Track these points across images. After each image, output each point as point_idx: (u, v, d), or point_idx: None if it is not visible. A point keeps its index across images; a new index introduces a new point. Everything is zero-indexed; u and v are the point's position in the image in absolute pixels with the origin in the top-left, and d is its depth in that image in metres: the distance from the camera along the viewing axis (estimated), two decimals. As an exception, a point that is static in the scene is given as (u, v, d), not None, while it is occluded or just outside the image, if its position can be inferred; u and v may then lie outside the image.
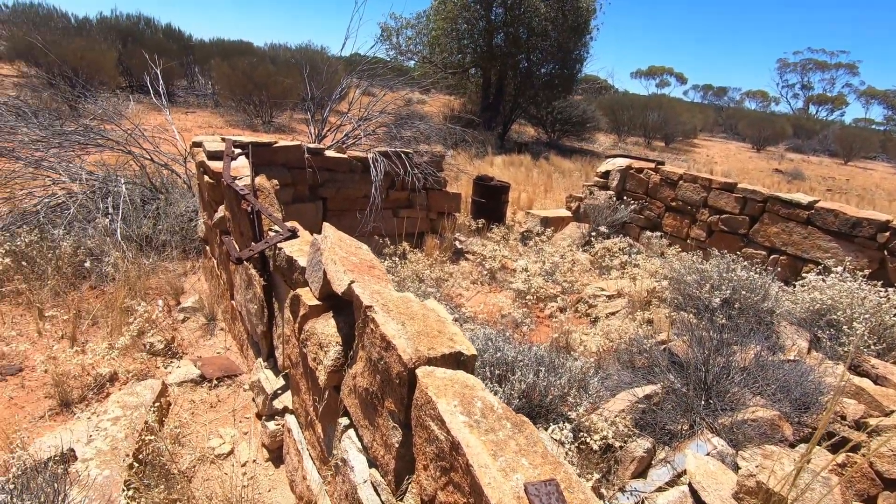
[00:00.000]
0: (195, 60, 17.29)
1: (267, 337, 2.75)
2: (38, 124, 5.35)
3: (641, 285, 4.45)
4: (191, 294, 4.02)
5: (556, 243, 5.87)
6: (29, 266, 3.76)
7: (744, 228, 5.51)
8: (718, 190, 5.72)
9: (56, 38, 12.64)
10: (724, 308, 3.87)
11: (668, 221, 6.27)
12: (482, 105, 16.10)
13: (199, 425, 2.66)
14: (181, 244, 4.58)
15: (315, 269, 2.08)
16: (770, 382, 2.97)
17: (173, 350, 3.30)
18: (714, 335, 3.25)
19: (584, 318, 4.31)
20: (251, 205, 2.78)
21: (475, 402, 1.24)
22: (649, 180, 6.47)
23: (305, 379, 2.19)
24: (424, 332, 1.52)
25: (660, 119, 21.06)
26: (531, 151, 13.75)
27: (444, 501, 1.19)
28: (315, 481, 2.08)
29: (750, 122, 27.27)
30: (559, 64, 15.37)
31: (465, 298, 4.46)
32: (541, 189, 9.54)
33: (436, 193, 5.37)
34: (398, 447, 1.45)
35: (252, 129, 12.43)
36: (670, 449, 2.61)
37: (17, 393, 2.74)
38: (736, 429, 2.64)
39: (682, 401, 2.89)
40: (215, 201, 3.60)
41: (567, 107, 16.92)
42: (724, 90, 53.20)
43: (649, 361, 3.35)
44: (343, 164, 4.83)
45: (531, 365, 2.70)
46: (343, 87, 6.19)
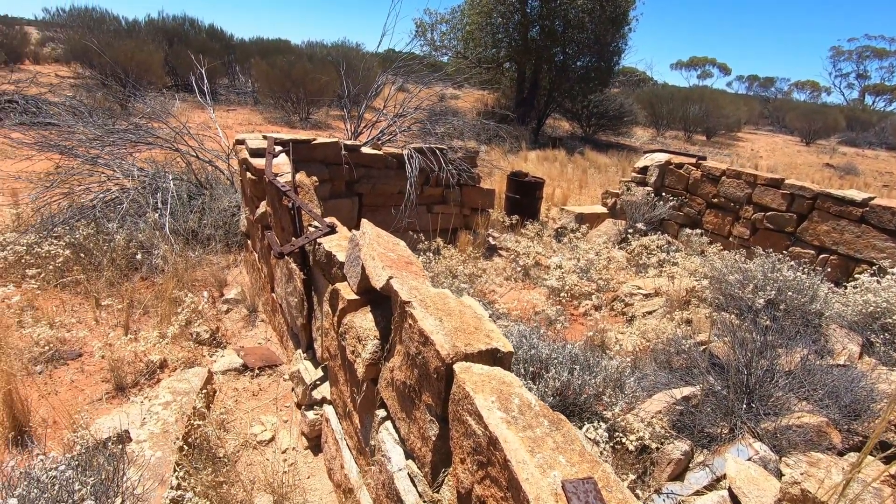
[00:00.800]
0: (236, 59, 17.84)
1: (306, 329, 2.83)
2: (93, 123, 5.65)
3: (680, 284, 4.34)
4: (233, 286, 4.18)
5: (591, 240, 5.79)
6: (86, 257, 3.99)
7: (791, 226, 5.28)
8: (764, 186, 5.50)
9: (108, 41, 13.28)
10: (769, 309, 3.73)
11: (709, 219, 6.08)
12: (516, 100, 15.95)
13: (242, 412, 2.77)
14: (224, 238, 4.76)
15: (353, 265, 2.13)
16: (817, 388, 2.86)
17: (218, 340, 3.45)
18: (757, 337, 3.14)
19: (620, 317, 4.24)
20: (292, 201, 2.87)
21: (512, 399, 1.25)
22: (690, 176, 6.27)
23: (343, 371, 2.25)
24: (461, 329, 1.54)
25: (701, 112, 20.33)
26: (566, 146, 13.54)
27: (481, 495, 1.21)
28: (353, 470, 2.14)
29: (799, 115, 25.95)
30: (596, 56, 15.05)
31: (498, 295, 4.47)
32: (575, 185, 9.39)
33: (469, 189, 5.38)
34: (435, 440, 1.48)
35: (290, 125, 12.74)
36: (709, 452, 2.55)
37: (77, 376, 2.93)
38: (780, 434, 2.55)
39: (722, 403, 2.81)
40: (257, 197, 3.73)
41: (603, 100, 16.55)
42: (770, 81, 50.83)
43: (688, 362, 3.27)
44: (379, 161, 4.90)
45: (565, 363, 2.69)
46: (379, 84, 6.27)
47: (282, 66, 13.41)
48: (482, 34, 14.85)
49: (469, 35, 15.13)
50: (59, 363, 3.01)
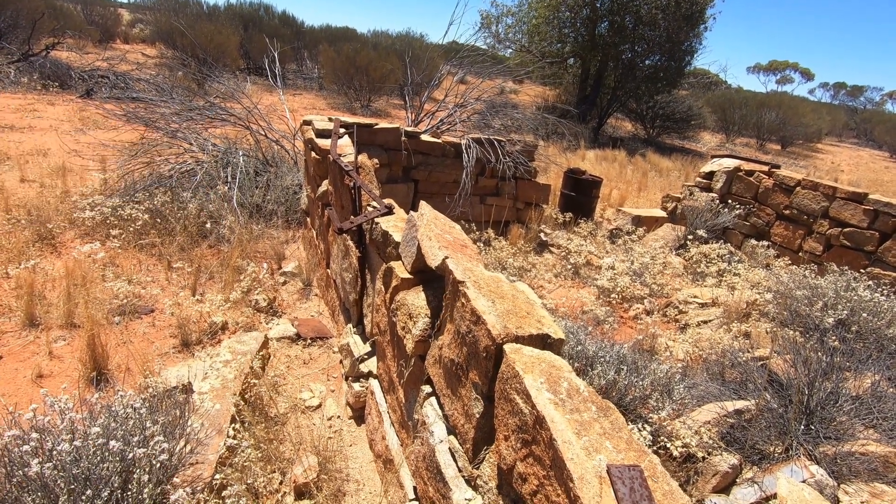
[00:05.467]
0: (305, 45, 18.46)
1: (358, 305, 2.94)
2: (174, 99, 6.04)
3: (741, 296, 4.14)
4: (291, 260, 4.37)
5: (646, 244, 5.60)
6: (162, 223, 4.30)
7: (871, 245, 4.90)
8: (844, 200, 5.12)
9: (190, 23, 14.08)
10: (838, 329, 3.49)
11: (777, 231, 5.73)
12: (578, 97, 15.58)
13: (293, 378, 2.92)
14: (285, 214, 4.98)
15: (409, 245, 2.19)
16: (888, 416, 2.66)
17: (274, 308, 3.63)
18: (823, 357, 2.95)
19: (673, 324, 4.10)
20: (353, 180, 2.96)
21: (561, 382, 1.26)
22: (760, 184, 5.93)
23: (392, 346, 2.32)
24: (513, 312, 1.56)
25: (777, 119, 19.08)
26: (626, 147, 13.12)
27: (523, 472, 1.23)
28: (394, 442, 2.21)
29: (890, 127, 23.82)
30: (666, 56, 14.42)
31: (546, 290, 4.43)
32: (634, 187, 9.10)
33: (525, 183, 5.34)
34: (479, 418, 1.51)
35: (351, 111, 13.07)
36: (759, 470, 2.44)
37: (149, 330, 3.18)
38: (840, 460, 2.40)
39: (778, 422, 2.67)
40: (319, 176, 3.87)
41: (671, 102, 15.87)
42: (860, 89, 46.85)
43: (743, 376, 3.13)
44: (436, 149, 4.96)
45: (612, 362, 2.64)
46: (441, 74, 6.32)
47: (347, 54, 13.75)
48: (548, 28, 14.58)
49: (535, 28, 14.90)
50: (133, 316, 3.27)
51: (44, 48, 11.38)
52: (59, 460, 1.51)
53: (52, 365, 2.72)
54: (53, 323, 3.05)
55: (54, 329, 3.01)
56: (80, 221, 4.24)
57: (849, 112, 33.49)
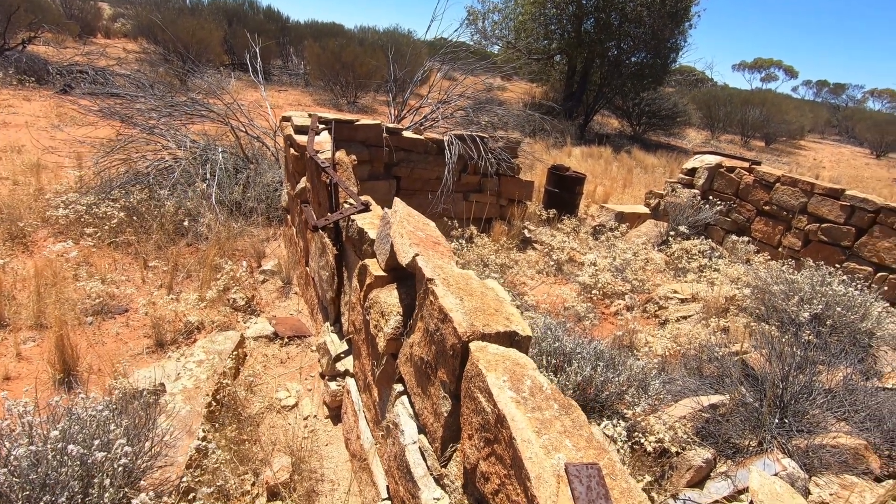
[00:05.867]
0: (290, 41, 18.25)
1: (335, 303, 2.91)
2: (154, 95, 5.93)
3: (720, 291, 4.17)
4: (271, 258, 4.32)
5: (629, 240, 5.64)
6: (138, 221, 4.22)
7: (848, 240, 4.97)
8: (822, 196, 5.19)
9: (173, 18, 13.85)
10: (813, 324, 3.54)
11: (758, 226, 5.79)
12: (564, 93, 15.62)
13: (269, 377, 2.88)
14: (266, 212, 4.92)
15: (383, 242, 2.17)
16: (859, 409, 2.70)
17: (252, 307, 3.59)
18: (798, 351, 2.99)
19: (653, 320, 4.12)
20: (330, 177, 2.93)
21: (524, 380, 1.25)
22: (741, 181, 5.99)
23: (366, 345, 2.30)
24: (481, 309, 1.54)
25: (761, 117, 19.30)
26: (612, 144, 13.18)
27: (485, 471, 1.22)
28: (368, 441, 2.19)
29: (871, 125, 24.20)
30: (652, 53, 14.49)
31: (528, 287, 4.43)
32: (619, 184, 9.15)
33: (508, 180, 5.33)
34: (447, 416, 1.50)
35: (337, 108, 12.97)
36: (733, 463, 2.46)
37: (122, 330, 3.12)
38: (812, 453, 2.43)
39: (752, 415, 2.70)
40: (298, 173, 3.83)
41: (656, 99, 15.95)
42: (842, 87, 47.56)
43: (720, 371, 3.16)
44: (419, 145, 4.93)
45: (589, 359, 2.65)
46: (424, 70, 6.27)
47: (333, 49, 13.63)
48: (535, 24, 14.58)
49: (521, 25, 14.89)
50: (107, 316, 3.21)
51: (20, 42, 11.11)
52: (15, 466, 1.47)
53: (19, 367, 2.66)
54: (23, 324, 2.98)
55: (23, 330, 2.94)
56: (53, 220, 4.14)
57: (831, 109, 34.00)
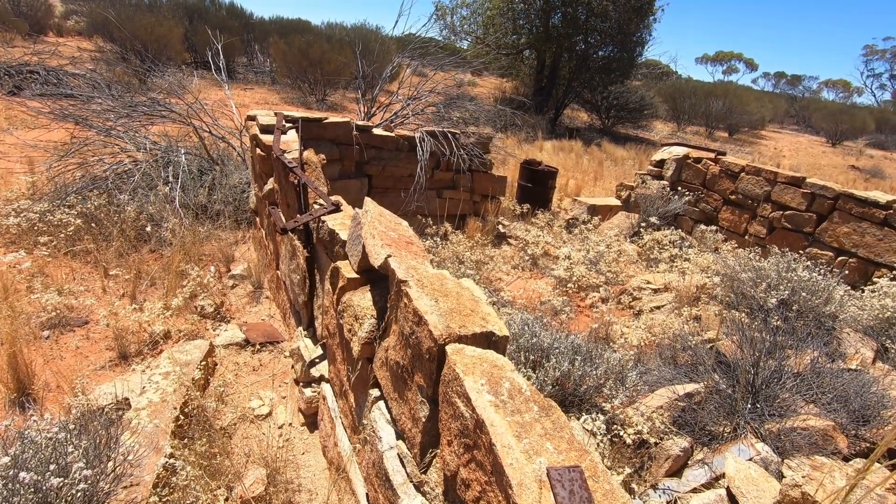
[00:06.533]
0: (255, 38, 17.79)
1: (307, 307, 2.83)
2: (111, 96, 5.67)
3: (691, 280, 4.25)
4: (240, 262, 4.19)
5: (602, 232, 5.70)
6: (97, 228, 4.03)
7: (810, 227, 5.14)
8: (784, 184, 5.35)
9: (129, 15, 13.31)
10: (781, 309, 3.64)
11: (725, 215, 5.94)
12: (534, 88, 15.71)
13: (241, 386, 2.79)
14: (234, 214, 4.77)
15: (355, 243, 2.11)
16: (826, 391, 2.78)
17: (222, 314, 3.47)
18: (767, 337, 3.06)
19: (627, 311, 4.17)
20: (298, 178, 2.84)
21: (503, 383, 1.22)
22: (707, 171, 6.13)
23: (341, 349, 2.24)
24: (457, 310, 1.51)
25: (724, 108, 19.85)
26: (583, 137, 13.33)
27: (466, 478, 1.19)
28: (346, 448, 2.14)
29: (826, 115, 25.21)
30: (618, 47, 14.71)
31: (504, 283, 4.42)
32: (590, 176, 9.26)
33: (481, 175, 5.31)
34: (425, 421, 1.46)
35: (306, 106, 12.71)
36: (709, 450, 2.50)
37: (82, 343, 2.97)
38: (783, 436, 2.49)
39: (726, 402, 2.75)
40: (266, 173, 3.71)
41: (624, 92, 16.22)
42: (798, 79, 49.38)
43: (693, 359, 3.21)
44: (390, 143, 4.86)
45: (567, 353, 2.65)
46: (393, 66, 6.18)
47: (299, 46, 13.35)
48: (503, 19, 14.60)
49: (489, 20, 14.89)
50: (65, 329, 3.05)
51: (-37, 42, 10.48)
52: (-40, 498, 1.36)
53: (-31, 388, 2.49)
54: (-29, 341, 2.80)
55: (-28, 348, 2.76)
56: (3, 229, 3.92)
57: (789, 100, 35.21)
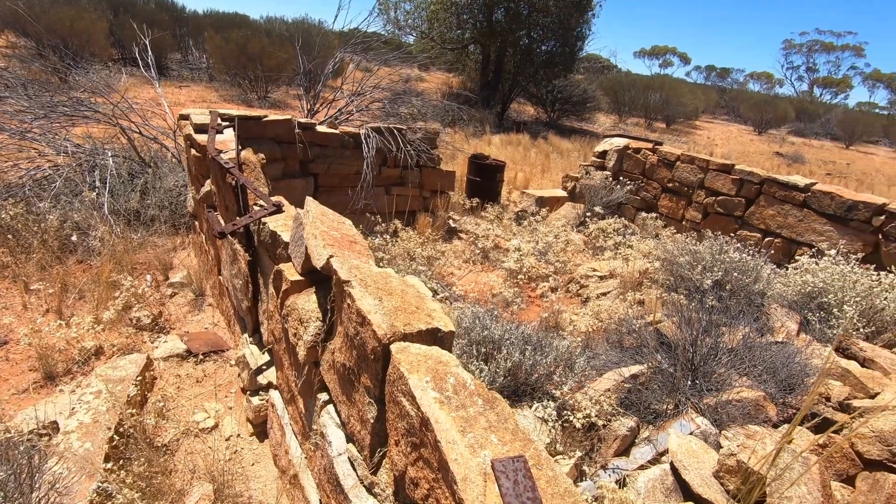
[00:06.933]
0: (188, 33, 16.91)
1: (252, 312, 2.73)
2: (26, 96, 5.22)
3: (634, 266, 4.43)
4: (179, 269, 3.98)
5: (550, 223, 5.83)
6: (14, 239, 3.71)
7: (739, 210, 5.47)
8: (715, 171, 5.66)
9: (45, 7, 12.31)
10: (716, 289, 3.86)
11: (663, 203, 6.23)
12: (481, 83, 15.84)
13: (184, 399, 2.65)
14: (170, 219, 4.52)
15: (297, 244, 2.05)
16: (757, 364, 2.97)
17: (160, 325, 3.28)
18: (703, 316, 3.24)
19: (576, 299, 4.30)
20: (235, 178, 2.72)
21: (448, 379, 1.22)
22: (646, 161, 6.39)
23: (288, 354, 2.17)
24: (402, 308, 1.49)
25: (661, 100, 20.78)
26: (530, 131, 13.58)
27: (414, 476, 1.18)
28: (297, 456, 2.08)
29: (752, 105, 26.94)
30: (560, 41, 15.07)
31: (456, 277, 4.44)
32: (538, 169, 9.45)
33: (429, 171, 5.30)
34: (373, 423, 1.44)
35: (247, 104, 12.24)
36: (654, 428, 2.62)
37: (1, 366, 2.73)
38: (720, 409, 2.65)
39: (668, 381, 2.89)
40: (202, 175, 3.54)
41: (567, 86, 16.65)
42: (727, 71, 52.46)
43: (638, 342, 3.35)
44: (334, 140, 4.75)
45: (517, 343, 2.69)
46: (335, 61, 6.03)
47: (237, 41, 12.82)
48: (447, 14, 14.61)
49: (433, 14, 14.86)
50: (-20, 352, 2.79)
51: None
52: None
53: None
54: None
55: None
56: None
57: (719, 92, 37.36)
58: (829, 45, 43.89)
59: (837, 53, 43.94)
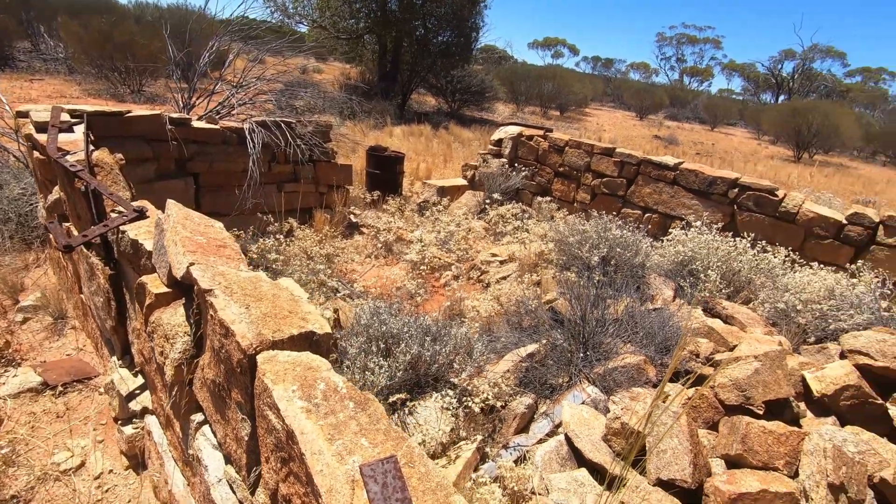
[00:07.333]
0: (39, 18, 14.73)
1: (119, 332, 2.44)
2: None
3: (530, 249, 4.62)
4: (33, 291, 3.47)
5: (452, 212, 5.90)
6: None
7: (622, 190, 5.92)
8: (599, 155, 6.07)
9: None
10: (603, 265, 4.14)
11: (557, 186, 6.57)
12: (379, 73, 15.61)
13: (40, 440, 2.31)
14: (18, 233, 3.92)
15: (160, 253, 1.85)
16: (638, 330, 3.24)
17: (8, 357, 2.83)
18: (592, 291, 3.46)
19: (478, 284, 4.39)
20: (86, 183, 2.40)
21: (317, 385, 1.15)
22: (539, 147, 6.69)
23: (159, 375, 1.96)
24: (272, 314, 1.39)
25: (554, 89, 21.92)
26: (432, 121, 13.64)
27: (286, 493, 1.10)
28: (178, 484, 1.89)
29: (633, 93, 29.38)
30: (455, 32, 15.25)
31: (358, 273, 4.34)
32: (440, 159, 9.52)
33: (324, 166, 5.10)
34: (248, 440, 1.33)
35: (117, 98, 10.96)
36: (551, 402, 2.75)
37: None
38: (608, 376, 2.84)
39: (563, 355, 3.05)
40: (49, 181, 3.09)
41: (466, 76, 16.93)
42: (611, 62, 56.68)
43: (535, 321, 3.50)
44: (215, 136, 4.39)
45: (417, 336, 2.68)
46: (211, 51, 5.53)
47: (99, 28, 11.40)
48: (339, 2, 14.14)
49: (325, 2, 14.31)
50: None
51: None
52: None
53: None
54: None
55: None
56: None
57: (605, 81, 40.26)
58: (694, 37, 49.08)
59: (700, 46, 49.32)
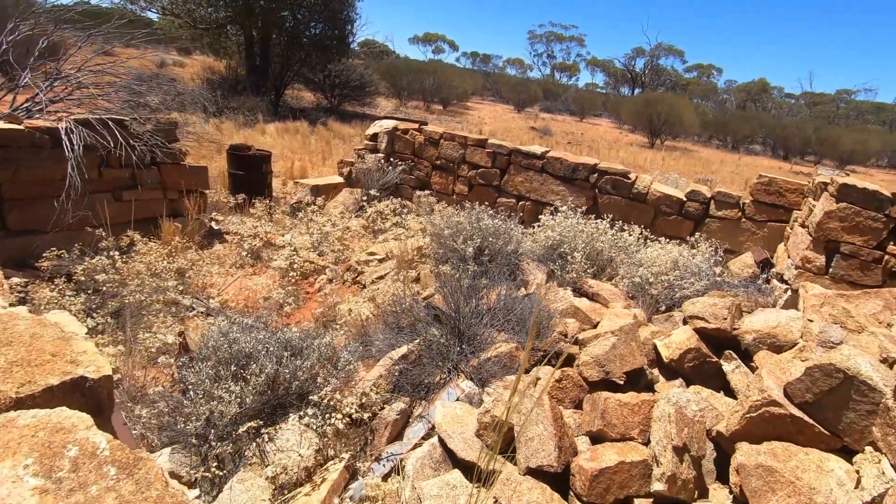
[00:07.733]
0: None
1: None
2: None
3: (408, 245, 4.52)
4: None
5: (328, 212, 5.60)
6: None
7: (496, 180, 6.07)
8: (473, 146, 6.15)
9: None
10: (477, 256, 4.17)
11: (435, 179, 6.55)
12: (248, 67, 14.51)
13: None
14: None
15: None
16: (511, 318, 3.28)
17: None
18: (466, 282, 3.44)
19: (355, 286, 4.19)
20: None
21: (67, 451, 0.90)
22: (415, 141, 6.62)
23: None
24: (25, 361, 1.09)
25: (435, 84, 22.18)
26: (309, 118, 13.00)
27: None
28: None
29: (511, 87, 30.85)
30: (329, 24, 14.66)
31: (218, 287, 3.90)
32: (319, 157, 9.08)
33: (171, 168, 4.51)
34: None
35: None
36: (427, 403, 2.66)
37: None
38: (482, 368, 2.82)
39: (440, 352, 2.98)
40: None
41: (344, 70, 16.42)
42: (488, 58, 58.98)
43: (412, 319, 3.40)
44: (20, 139, 3.65)
45: (275, 352, 2.42)
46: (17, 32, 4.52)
47: None
48: (193, -12, 12.84)
49: (176, -12, 12.90)
50: None
51: None
52: None
53: None
54: None
55: None
56: None
57: (484, 76, 41.77)
58: (561, 35, 52.88)
59: (567, 43, 53.28)
